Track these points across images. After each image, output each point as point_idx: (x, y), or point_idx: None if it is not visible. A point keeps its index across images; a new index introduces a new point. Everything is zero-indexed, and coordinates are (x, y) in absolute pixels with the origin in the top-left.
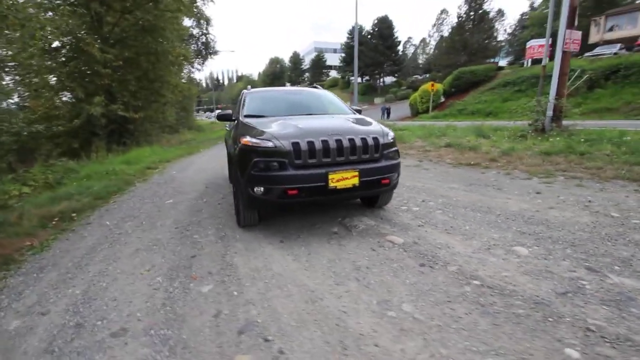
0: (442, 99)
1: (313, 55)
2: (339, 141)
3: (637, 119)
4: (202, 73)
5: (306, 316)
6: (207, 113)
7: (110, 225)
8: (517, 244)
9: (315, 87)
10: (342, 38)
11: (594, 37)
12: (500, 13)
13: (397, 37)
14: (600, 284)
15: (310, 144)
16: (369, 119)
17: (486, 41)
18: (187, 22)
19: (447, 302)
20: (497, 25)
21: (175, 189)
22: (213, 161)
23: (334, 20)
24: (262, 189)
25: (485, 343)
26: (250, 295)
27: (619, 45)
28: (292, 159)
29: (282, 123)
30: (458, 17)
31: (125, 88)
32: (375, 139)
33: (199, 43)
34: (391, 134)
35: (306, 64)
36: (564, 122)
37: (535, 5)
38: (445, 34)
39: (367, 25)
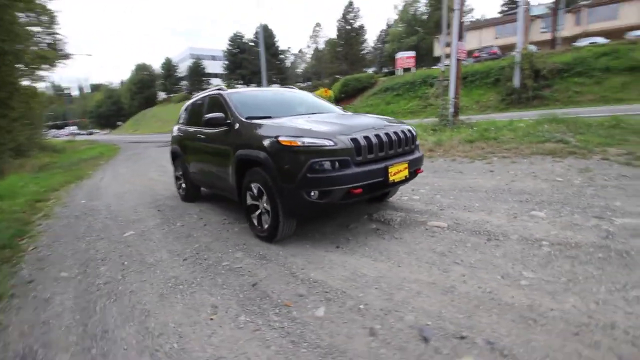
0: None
1: (189, 62)
2: (388, 135)
3: (489, 113)
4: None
5: (464, 306)
6: (55, 130)
7: (79, 274)
8: (530, 210)
9: (290, 88)
10: (219, 45)
11: (437, 52)
12: (362, 29)
13: (279, 46)
14: (615, 225)
15: (367, 139)
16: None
17: (361, 53)
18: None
19: (547, 262)
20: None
21: (114, 219)
22: (125, 182)
23: (204, 26)
24: (319, 192)
25: (596, 280)
26: (381, 304)
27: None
28: (354, 156)
29: (313, 121)
30: (338, 30)
31: None
32: (410, 131)
33: (43, 44)
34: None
35: (182, 71)
36: (460, 117)
37: (390, 22)
38: (321, 45)
39: (247, 34)
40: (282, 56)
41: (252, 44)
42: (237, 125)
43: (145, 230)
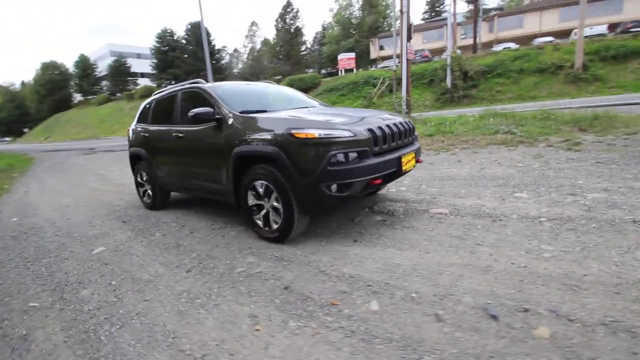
0: None
1: (109, 60)
2: (396, 125)
3: (428, 110)
4: None
5: (509, 282)
6: None
7: (56, 302)
8: (512, 192)
9: (268, 82)
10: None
11: (372, 55)
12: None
13: (215, 45)
14: (589, 200)
15: (381, 129)
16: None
17: (302, 53)
18: None
19: (555, 235)
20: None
21: (70, 236)
22: (61, 195)
23: (125, 22)
24: (340, 185)
25: (603, 246)
26: (430, 290)
27: (397, 59)
28: (372, 146)
29: (319, 113)
30: (277, 30)
31: None
32: (409, 123)
33: None
34: None
35: (101, 70)
36: (412, 114)
37: (325, 25)
38: (258, 45)
39: (178, 31)
40: (218, 55)
41: (184, 41)
42: (230, 120)
43: (120, 245)
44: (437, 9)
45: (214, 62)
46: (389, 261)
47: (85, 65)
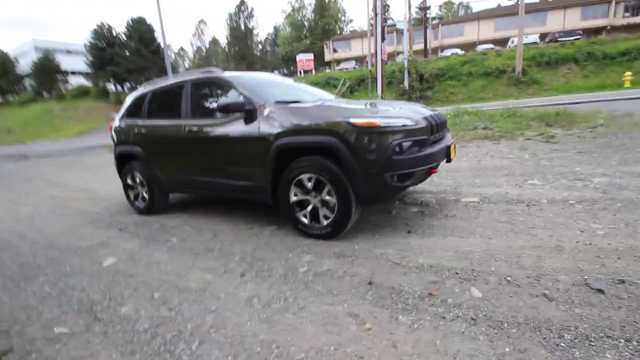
0: None
1: (34, 56)
2: (438, 116)
3: None
4: None
5: (588, 258)
6: None
7: (92, 324)
8: (525, 181)
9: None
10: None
11: (327, 57)
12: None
13: (159, 43)
14: (596, 184)
15: (433, 119)
16: None
17: (257, 53)
18: None
19: (593, 215)
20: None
21: (58, 249)
22: (15, 206)
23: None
24: (403, 174)
25: (635, 220)
26: (520, 273)
27: (354, 62)
28: (429, 135)
29: (367, 103)
30: (231, 30)
31: None
32: (443, 116)
33: None
34: None
35: (24, 68)
36: None
37: (277, 26)
38: (207, 44)
39: (117, 26)
40: (163, 53)
41: (125, 37)
42: (266, 111)
43: (133, 254)
44: (384, 16)
45: (159, 60)
46: (458, 249)
47: (4, 62)
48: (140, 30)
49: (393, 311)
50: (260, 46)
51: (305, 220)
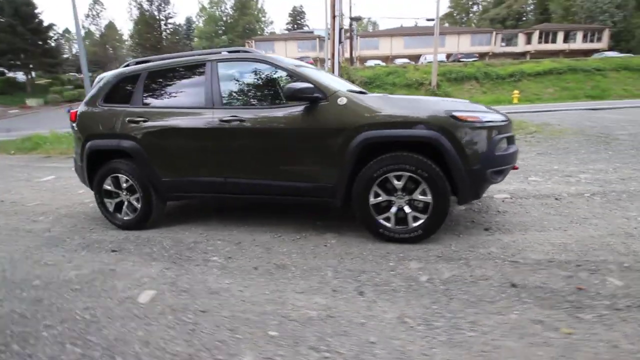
0: None
1: None
2: None
3: None
4: None
5: None
6: None
7: None
8: (527, 177)
9: None
10: None
11: None
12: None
13: (42, 20)
14: (585, 179)
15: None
16: None
17: (177, 44)
18: None
19: (616, 206)
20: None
21: (42, 288)
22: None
23: None
24: (498, 171)
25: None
26: (632, 259)
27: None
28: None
29: (440, 98)
30: (141, 14)
31: None
32: None
33: None
34: None
35: None
36: None
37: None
38: (102, 29)
39: None
40: (49, 34)
41: None
42: (343, 100)
43: (173, 283)
44: (299, 21)
45: (40, 42)
46: (551, 242)
47: None
48: (15, 3)
49: (567, 311)
50: (172, 37)
51: (388, 224)
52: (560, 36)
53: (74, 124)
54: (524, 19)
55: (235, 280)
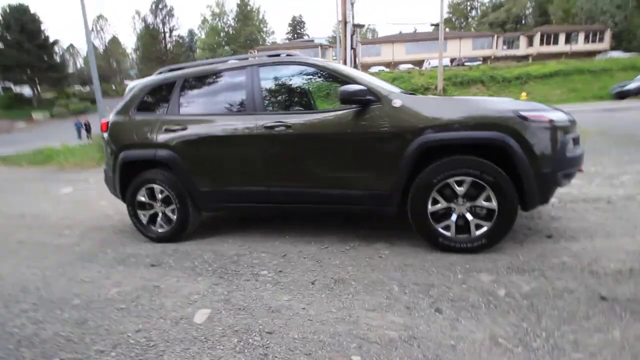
0: None
1: None
2: None
3: None
4: None
5: None
6: None
7: None
8: (607, 179)
9: None
10: None
11: None
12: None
13: (48, 37)
14: (625, 180)
15: None
16: None
17: (182, 56)
18: None
19: None
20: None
21: (91, 308)
22: None
23: None
24: (567, 174)
25: None
26: None
27: None
28: None
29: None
30: (146, 28)
31: None
32: None
33: None
34: None
35: None
36: None
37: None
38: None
39: None
40: (55, 49)
41: (0, 28)
42: (398, 102)
43: (227, 300)
44: (299, 31)
45: (46, 57)
46: (623, 249)
47: None
48: (21, 20)
49: None
50: (177, 49)
51: (447, 233)
52: (562, 38)
53: (105, 134)
54: (523, 22)
55: (294, 297)
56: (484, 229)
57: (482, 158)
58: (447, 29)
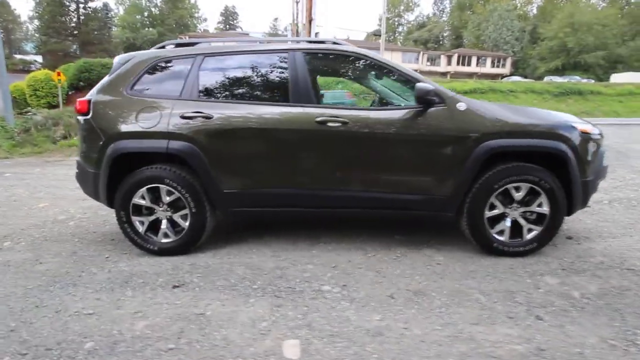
0: (70, 92)
1: None
2: None
3: None
4: None
5: None
6: None
7: None
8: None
9: None
10: None
11: None
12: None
13: None
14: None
15: None
16: None
17: (98, 32)
18: None
19: None
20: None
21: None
22: None
23: None
24: (598, 182)
25: None
26: None
27: None
28: None
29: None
30: None
31: None
32: None
33: None
34: None
35: None
36: None
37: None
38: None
39: None
40: None
41: None
42: (463, 105)
43: (307, 323)
44: (231, 22)
45: None
46: (635, 247)
47: None
48: None
49: None
50: (93, 22)
51: (502, 238)
52: (474, 60)
53: (82, 117)
54: (441, 42)
55: (385, 315)
56: (534, 232)
57: (534, 165)
58: (379, 41)
